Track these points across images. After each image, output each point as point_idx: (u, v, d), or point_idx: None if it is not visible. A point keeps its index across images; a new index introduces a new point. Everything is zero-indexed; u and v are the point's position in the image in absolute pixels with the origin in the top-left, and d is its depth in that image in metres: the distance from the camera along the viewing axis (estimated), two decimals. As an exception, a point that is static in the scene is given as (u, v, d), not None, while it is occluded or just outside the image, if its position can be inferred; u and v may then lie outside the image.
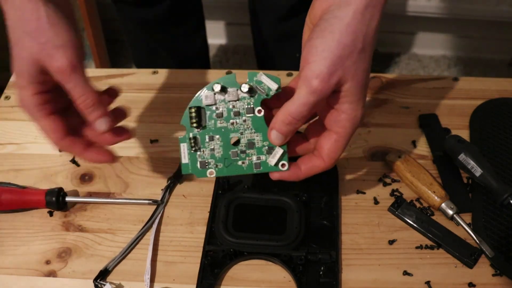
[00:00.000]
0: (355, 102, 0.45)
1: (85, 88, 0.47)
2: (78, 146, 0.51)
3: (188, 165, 0.50)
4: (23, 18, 0.45)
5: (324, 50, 0.43)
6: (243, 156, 0.50)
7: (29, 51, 0.46)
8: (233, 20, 1.67)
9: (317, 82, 0.43)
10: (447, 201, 0.56)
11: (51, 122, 0.49)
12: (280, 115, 0.46)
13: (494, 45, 1.61)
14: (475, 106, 0.67)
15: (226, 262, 0.53)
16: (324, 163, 0.48)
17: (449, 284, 0.52)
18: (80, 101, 0.47)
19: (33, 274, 0.54)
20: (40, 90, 0.48)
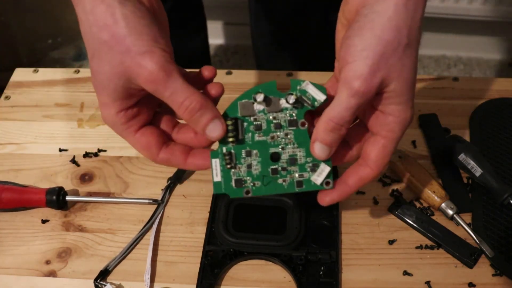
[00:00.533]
0: (403, 102, 0.42)
1: (187, 92, 0.40)
2: (178, 157, 0.44)
3: (221, 184, 0.44)
4: (97, 24, 0.39)
5: (364, 49, 0.40)
6: (284, 174, 0.45)
7: (110, 63, 0.39)
8: (233, 20, 1.67)
9: (358, 84, 0.40)
10: (447, 201, 0.56)
11: (142, 138, 0.43)
12: (321, 124, 0.42)
13: (494, 45, 1.61)
14: (475, 106, 0.67)
15: (226, 262, 0.53)
16: (372, 171, 0.44)
17: (449, 284, 0.52)
18: (184, 109, 0.40)
19: (33, 274, 0.54)
20: (126, 106, 0.42)
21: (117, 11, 0.38)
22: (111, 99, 0.41)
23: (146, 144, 0.43)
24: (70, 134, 0.67)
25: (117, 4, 0.38)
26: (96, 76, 0.41)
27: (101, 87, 0.41)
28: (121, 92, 0.41)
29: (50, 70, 0.75)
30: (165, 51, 0.40)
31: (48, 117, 0.69)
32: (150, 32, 0.39)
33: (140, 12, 0.39)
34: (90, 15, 0.39)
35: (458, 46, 1.64)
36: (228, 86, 0.71)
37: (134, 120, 0.43)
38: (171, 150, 0.44)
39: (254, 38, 1.15)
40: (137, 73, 0.39)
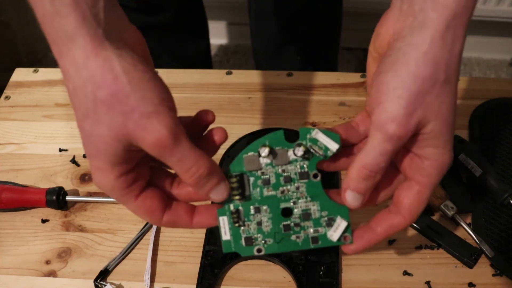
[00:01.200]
0: (442, 145, 0.38)
1: (194, 158, 0.36)
2: (183, 218, 0.40)
3: (231, 243, 0.41)
4: (93, 81, 0.33)
5: (398, 87, 0.36)
6: (297, 230, 0.41)
7: (109, 126, 0.34)
8: (233, 20, 1.67)
9: (393, 127, 0.36)
10: (447, 201, 0.56)
11: (145, 202, 0.39)
12: (354, 171, 0.38)
13: (494, 45, 1.61)
14: (475, 106, 0.67)
15: (226, 262, 0.53)
16: (404, 220, 0.40)
17: (449, 284, 0.52)
18: (190, 175, 0.37)
19: (33, 274, 0.54)
20: (126, 170, 0.37)
21: (116, 65, 0.33)
22: (109, 164, 0.36)
23: (149, 209, 0.39)
24: (70, 134, 0.67)
25: (115, 57, 0.33)
26: (90, 139, 0.35)
27: (96, 151, 0.36)
28: (121, 156, 0.36)
29: (50, 70, 0.75)
30: (172, 109, 0.35)
31: (48, 117, 0.69)
32: (154, 88, 0.34)
33: (141, 64, 0.34)
34: (83, 70, 0.33)
35: (458, 46, 1.64)
36: (228, 86, 0.71)
37: (134, 185, 0.38)
38: (175, 212, 0.40)
39: (254, 39, 1.15)
40: (142, 137, 0.34)
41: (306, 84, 0.71)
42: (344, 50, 1.64)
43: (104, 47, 0.33)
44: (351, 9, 1.37)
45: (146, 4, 1.02)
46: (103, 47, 0.33)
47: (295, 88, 0.71)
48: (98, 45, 0.33)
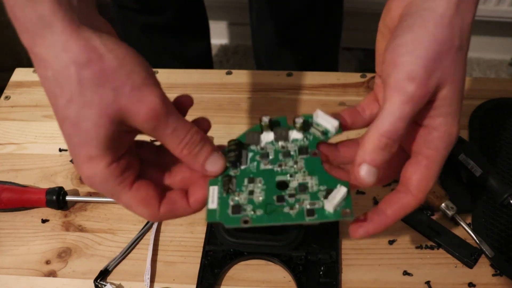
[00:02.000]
0: (452, 114, 0.36)
1: (187, 127, 0.36)
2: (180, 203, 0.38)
3: (216, 212, 0.37)
4: (76, 62, 0.32)
5: (416, 48, 0.34)
6: (292, 202, 0.37)
7: (99, 105, 0.33)
8: (233, 20, 1.67)
9: (413, 87, 0.34)
10: (447, 201, 0.56)
11: (139, 191, 0.37)
12: (370, 142, 0.35)
13: (494, 45, 1.61)
14: (475, 106, 0.67)
15: (226, 262, 0.53)
16: (414, 198, 0.38)
17: (449, 284, 0.52)
18: (184, 143, 0.36)
19: (33, 274, 0.54)
20: (117, 156, 0.35)
21: (99, 44, 0.33)
22: (101, 149, 0.34)
23: (145, 198, 0.37)
24: (70, 134, 0.67)
25: (97, 37, 0.33)
26: (78, 125, 0.34)
27: (85, 138, 0.34)
28: (113, 139, 0.34)
29: (50, 70, 0.75)
30: (157, 82, 0.35)
31: (48, 117, 0.69)
32: (141, 64, 0.34)
33: (121, 43, 0.34)
34: (63, 53, 0.32)
35: (458, 46, 1.64)
36: (228, 86, 0.71)
37: (127, 172, 0.36)
38: (170, 200, 0.38)
39: (254, 39, 1.15)
40: (136, 110, 0.33)
41: (306, 84, 0.71)
42: (344, 50, 1.64)
43: (83, 30, 0.33)
44: (351, 9, 1.37)
45: (147, 5, 1.02)
46: (82, 29, 0.33)
47: (295, 88, 0.71)
48: (77, 28, 0.33)
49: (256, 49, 1.18)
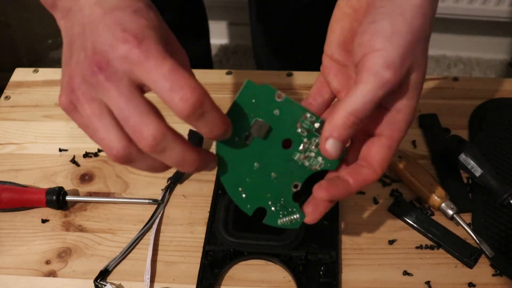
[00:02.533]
0: (414, 97, 0.39)
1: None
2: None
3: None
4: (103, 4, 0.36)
5: (394, 35, 0.36)
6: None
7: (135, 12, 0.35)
8: (233, 20, 1.67)
9: (390, 73, 0.36)
10: (447, 201, 0.56)
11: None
12: (339, 118, 0.38)
13: (494, 45, 1.61)
14: (475, 106, 0.67)
15: (226, 262, 0.53)
16: (376, 174, 0.41)
17: (449, 284, 0.52)
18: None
19: (33, 274, 0.54)
20: None
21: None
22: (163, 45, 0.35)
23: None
24: (70, 134, 0.67)
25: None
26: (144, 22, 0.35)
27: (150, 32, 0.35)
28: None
29: (50, 70, 0.75)
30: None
31: (48, 117, 0.69)
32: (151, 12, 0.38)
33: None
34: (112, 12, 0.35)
35: (458, 46, 1.64)
36: (228, 86, 0.71)
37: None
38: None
39: (254, 39, 1.15)
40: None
41: (306, 84, 0.71)
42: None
43: None
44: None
45: None
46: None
47: (295, 88, 0.71)
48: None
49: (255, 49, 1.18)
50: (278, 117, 0.41)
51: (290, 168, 0.42)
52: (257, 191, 0.42)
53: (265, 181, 0.42)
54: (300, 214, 0.43)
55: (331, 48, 0.43)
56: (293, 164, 0.42)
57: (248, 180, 0.42)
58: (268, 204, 0.43)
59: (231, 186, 0.42)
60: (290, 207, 0.43)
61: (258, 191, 0.42)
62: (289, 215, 0.43)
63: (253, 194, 0.42)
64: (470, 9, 1.49)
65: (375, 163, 0.41)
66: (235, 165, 0.41)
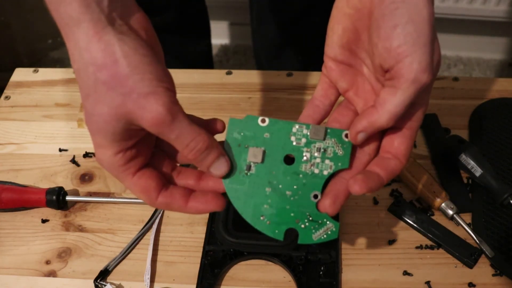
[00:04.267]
0: (430, 90, 0.41)
1: (193, 133, 0.38)
2: (178, 201, 0.41)
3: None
4: (94, 63, 0.35)
5: (420, 37, 0.37)
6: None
7: (108, 105, 0.36)
8: (233, 20, 1.67)
9: (427, 77, 0.38)
10: (447, 201, 0.56)
11: (140, 180, 0.40)
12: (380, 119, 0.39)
13: (494, 45, 1.61)
14: (475, 106, 0.67)
15: (226, 262, 0.53)
16: (402, 164, 0.42)
17: (449, 284, 0.52)
18: (189, 149, 0.38)
19: (33, 274, 0.54)
20: (125, 147, 0.38)
21: (117, 49, 0.35)
22: (108, 141, 0.38)
23: (144, 188, 0.40)
24: (70, 134, 0.67)
25: (116, 41, 0.35)
26: (91, 118, 0.37)
27: (96, 128, 0.38)
28: (120, 134, 0.37)
29: (50, 70, 0.75)
30: (170, 90, 0.37)
31: (48, 117, 0.69)
32: (153, 71, 0.36)
33: (142, 48, 0.36)
34: (85, 53, 0.35)
35: (458, 46, 1.64)
36: (228, 86, 0.71)
37: (132, 162, 0.39)
38: (170, 194, 0.41)
39: (255, 39, 1.15)
40: (140, 116, 0.36)
41: (306, 84, 0.71)
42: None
43: (106, 32, 0.35)
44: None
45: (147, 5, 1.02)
46: (105, 32, 0.35)
47: (295, 88, 0.71)
48: (101, 30, 0.35)
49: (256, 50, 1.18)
50: (270, 138, 0.42)
51: (302, 181, 0.42)
52: (279, 214, 0.41)
53: (282, 202, 0.41)
54: (333, 222, 0.42)
55: (333, 49, 0.44)
56: (304, 176, 0.42)
57: (266, 206, 0.41)
58: (296, 223, 0.41)
59: (253, 219, 0.41)
60: (319, 219, 0.42)
61: (280, 214, 0.41)
62: (321, 227, 0.42)
63: (276, 218, 0.41)
64: (470, 9, 1.49)
65: (400, 154, 0.42)
66: (248, 198, 0.41)
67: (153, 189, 0.40)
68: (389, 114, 0.39)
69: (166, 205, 0.41)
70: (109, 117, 0.36)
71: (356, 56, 0.44)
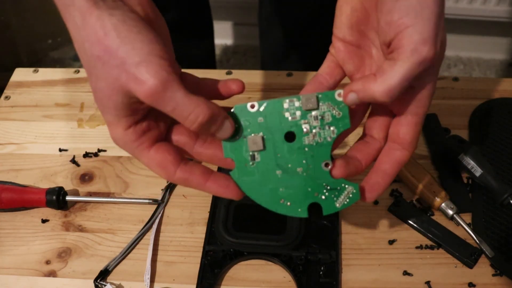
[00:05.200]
0: (436, 72, 0.38)
1: (191, 105, 0.36)
2: (198, 177, 0.40)
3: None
4: (89, 39, 0.35)
5: (424, 9, 0.36)
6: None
7: (106, 80, 0.36)
8: (233, 20, 1.67)
9: (427, 49, 0.36)
10: (447, 201, 0.56)
11: (157, 155, 0.39)
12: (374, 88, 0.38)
13: (494, 45, 1.61)
14: (475, 106, 0.67)
15: (226, 262, 0.53)
16: (408, 153, 0.41)
17: (449, 284, 0.52)
18: (190, 122, 0.37)
19: (33, 274, 0.54)
20: (133, 122, 0.38)
21: (107, 23, 0.35)
22: (115, 117, 0.37)
23: (162, 161, 0.39)
24: (70, 134, 0.67)
25: (107, 15, 0.35)
26: (96, 95, 0.38)
27: (101, 105, 0.38)
28: (123, 109, 0.37)
29: (50, 70, 0.75)
30: (163, 58, 0.36)
31: (48, 117, 0.69)
32: (144, 40, 0.35)
33: (131, 20, 0.36)
34: (81, 31, 0.35)
35: (458, 46, 1.64)
36: (228, 86, 0.71)
37: (145, 136, 0.39)
38: (190, 169, 0.40)
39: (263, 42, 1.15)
40: (134, 87, 0.35)
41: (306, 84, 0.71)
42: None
43: (98, 7, 0.35)
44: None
45: None
46: (97, 7, 0.35)
47: (295, 88, 0.71)
48: (93, 5, 0.35)
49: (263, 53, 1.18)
50: (265, 122, 0.41)
51: (310, 154, 0.41)
52: (297, 193, 0.41)
53: (296, 180, 0.41)
54: (352, 185, 0.42)
55: (342, 30, 0.43)
56: (309, 148, 0.41)
57: (282, 189, 0.41)
58: (316, 196, 0.41)
59: (273, 205, 0.42)
60: (337, 186, 0.42)
61: (297, 193, 0.41)
62: (341, 193, 0.42)
63: (295, 198, 0.41)
64: (470, 9, 1.49)
65: (406, 143, 0.41)
66: (262, 187, 0.41)
67: (171, 163, 0.39)
68: (386, 86, 0.37)
69: (184, 181, 0.40)
70: (109, 92, 0.36)
71: (365, 37, 0.43)
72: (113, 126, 0.38)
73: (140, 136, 0.39)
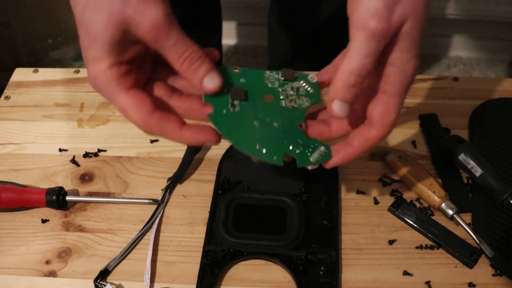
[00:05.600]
0: (409, 49, 0.38)
1: (188, 42, 0.39)
2: (172, 123, 0.40)
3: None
4: None
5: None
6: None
7: (108, 12, 0.37)
8: (233, 20, 1.67)
9: (375, 23, 0.35)
10: (447, 201, 0.56)
11: (134, 96, 0.39)
12: (340, 79, 0.38)
13: (494, 45, 1.61)
14: (475, 106, 0.67)
15: (226, 262, 0.53)
16: (377, 132, 0.41)
17: (449, 284, 0.52)
18: (184, 58, 0.39)
19: (33, 274, 0.54)
20: (119, 60, 0.39)
21: None
22: (105, 51, 0.38)
23: (139, 103, 0.39)
24: (70, 134, 0.67)
25: None
26: (89, 28, 0.38)
27: (93, 39, 0.38)
28: (116, 44, 0.38)
29: (50, 70, 0.75)
30: (166, 2, 0.38)
31: (48, 117, 0.69)
32: None
33: None
34: None
35: (458, 46, 1.64)
36: (228, 86, 0.71)
37: (127, 77, 0.39)
38: (166, 116, 0.40)
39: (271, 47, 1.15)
40: (139, 21, 0.37)
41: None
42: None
43: None
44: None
45: None
46: None
47: (295, 88, 0.71)
48: None
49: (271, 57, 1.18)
50: (246, 83, 0.45)
51: (285, 114, 0.45)
52: (273, 142, 0.44)
53: (273, 132, 0.44)
54: (324, 146, 0.45)
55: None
56: (286, 110, 0.45)
57: (258, 136, 0.43)
58: (291, 148, 0.44)
59: (249, 147, 0.43)
60: (311, 143, 0.45)
61: (273, 142, 0.44)
62: (315, 151, 0.45)
63: (271, 145, 0.43)
64: (470, 9, 1.49)
65: (374, 120, 0.41)
66: (240, 130, 0.43)
67: (148, 105, 0.40)
68: (347, 71, 0.38)
69: (160, 127, 0.40)
70: (108, 25, 0.37)
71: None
72: (97, 61, 0.38)
73: (121, 76, 0.39)
